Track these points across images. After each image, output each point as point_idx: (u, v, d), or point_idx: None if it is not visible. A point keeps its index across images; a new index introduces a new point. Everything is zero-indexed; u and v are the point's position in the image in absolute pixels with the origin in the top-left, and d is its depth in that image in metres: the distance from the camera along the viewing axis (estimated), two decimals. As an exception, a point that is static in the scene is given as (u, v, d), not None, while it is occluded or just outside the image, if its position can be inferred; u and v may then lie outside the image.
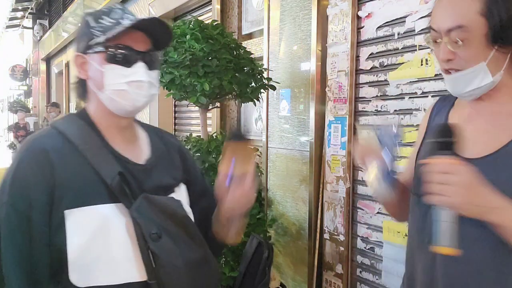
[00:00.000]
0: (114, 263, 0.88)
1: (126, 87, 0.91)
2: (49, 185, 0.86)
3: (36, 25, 12.36)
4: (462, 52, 0.88)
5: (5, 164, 11.70)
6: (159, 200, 0.92)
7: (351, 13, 2.28)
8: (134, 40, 0.92)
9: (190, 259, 0.93)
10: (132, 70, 0.91)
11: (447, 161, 0.78)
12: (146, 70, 0.92)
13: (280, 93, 2.92)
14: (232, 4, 3.54)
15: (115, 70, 0.90)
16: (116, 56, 0.90)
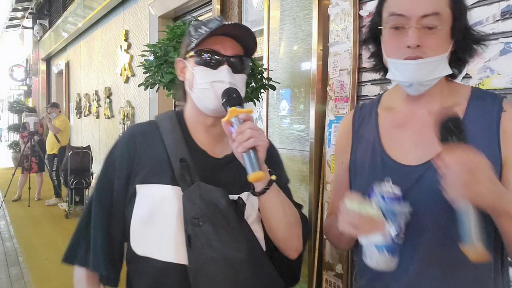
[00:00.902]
0: (163, 240, 0.98)
1: (209, 86, 1.00)
2: (130, 163, 1.03)
3: (36, 25, 12.36)
4: (432, 39, 0.88)
5: (5, 164, 11.73)
6: (207, 189, 0.97)
7: (353, 12, 2.28)
8: (222, 46, 1.01)
9: (229, 255, 0.94)
10: (216, 72, 1.00)
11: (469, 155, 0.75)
12: (229, 73, 1.01)
13: (280, 93, 2.92)
14: (232, 4, 3.54)
15: (203, 72, 1.01)
16: (204, 59, 1.01)
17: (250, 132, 0.90)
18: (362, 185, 0.98)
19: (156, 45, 2.47)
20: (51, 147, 7.02)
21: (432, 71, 0.90)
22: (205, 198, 0.96)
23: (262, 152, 0.92)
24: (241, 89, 1.02)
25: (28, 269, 4.06)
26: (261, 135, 0.92)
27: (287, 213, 1.01)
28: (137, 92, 5.73)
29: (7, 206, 6.73)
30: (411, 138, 0.94)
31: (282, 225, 1.01)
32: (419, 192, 0.90)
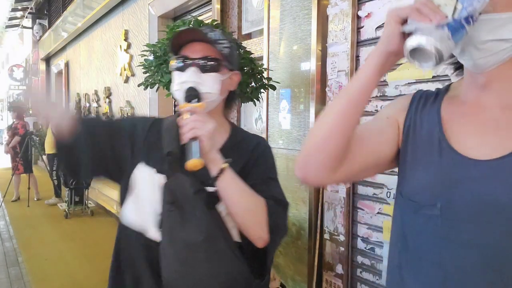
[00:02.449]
0: (146, 218, 1.11)
1: (180, 87, 1.13)
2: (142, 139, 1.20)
3: (36, 25, 12.35)
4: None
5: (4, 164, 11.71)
6: (183, 179, 1.08)
7: (351, 13, 2.28)
8: (191, 50, 1.15)
9: (188, 237, 1.04)
10: (184, 73, 1.13)
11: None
12: (195, 73, 1.13)
13: (280, 93, 2.92)
14: (232, 4, 3.54)
15: (176, 75, 1.16)
16: (176, 63, 1.16)
17: (191, 124, 1.02)
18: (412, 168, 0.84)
19: (155, 45, 2.47)
20: (50, 146, 7.03)
21: (496, 29, 0.71)
22: (180, 187, 1.08)
23: (205, 141, 1.02)
24: (210, 86, 1.14)
25: (27, 269, 4.06)
26: (203, 126, 1.02)
27: (244, 199, 1.09)
28: (136, 92, 5.73)
29: (7, 206, 6.73)
30: (476, 132, 0.79)
31: (239, 211, 1.08)
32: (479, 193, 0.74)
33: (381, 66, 0.80)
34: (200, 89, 1.12)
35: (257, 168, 1.19)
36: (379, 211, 2.20)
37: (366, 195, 2.27)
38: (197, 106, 1.07)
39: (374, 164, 0.88)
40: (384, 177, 2.16)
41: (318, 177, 0.83)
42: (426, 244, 0.79)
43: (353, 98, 0.79)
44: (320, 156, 0.80)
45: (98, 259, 4.15)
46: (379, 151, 0.87)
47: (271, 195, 1.14)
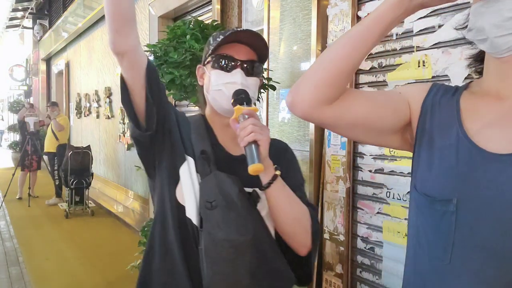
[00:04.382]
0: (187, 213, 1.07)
1: (223, 87, 1.09)
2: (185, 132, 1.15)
3: (36, 25, 12.36)
4: None
5: (5, 164, 11.72)
6: (222, 177, 1.05)
7: (351, 13, 2.28)
8: (236, 51, 1.11)
9: (233, 237, 1.00)
10: (230, 74, 1.10)
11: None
12: (242, 75, 1.10)
13: (280, 93, 2.93)
14: (232, 4, 3.54)
15: (218, 74, 1.11)
16: (219, 62, 1.11)
17: (251, 128, 0.97)
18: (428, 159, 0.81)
19: (156, 45, 2.48)
20: (50, 145, 7.05)
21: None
22: (220, 185, 1.04)
23: (264, 146, 0.98)
24: (253, 91, 1.12)
25: (28, 269, 4.07)
26: (263, 130, 0.98)
27: (293, 208, 1.06)
28: (137, 92, 5.73)
29: (7, 206, 6.74)
30: (496, 122, 0.76)
31: (287, 220, 1.06)
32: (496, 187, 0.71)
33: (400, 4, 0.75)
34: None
35: (291, 174, 1.17)
36: (379, 211, 2.20)
37: (366, 195, 2.28)
38: (253, 110, 1.02)
39: (369, 125, 0.85)
40: (384, 177, 2.16)
41: (306, 102, 0.80)
42: (439, 242, 0.77)
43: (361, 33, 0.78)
44: (315, 77, 0.79)
45: (99, 258, 4.14)
46: (380, 114, 0.84)
47: (307, 202, 1.13)
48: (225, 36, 1.09)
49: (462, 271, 0.73)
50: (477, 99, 0.81)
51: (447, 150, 0.79)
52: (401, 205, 2.07)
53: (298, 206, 1.08)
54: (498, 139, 0.74)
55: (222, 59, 1.11)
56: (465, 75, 1.75)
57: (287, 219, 1.06)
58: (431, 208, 0.78)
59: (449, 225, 0.74)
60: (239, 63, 1.10)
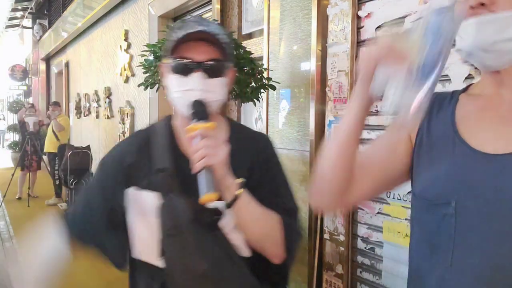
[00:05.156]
0: (143, 242, 1.05)
1: (182, 95, 1.01)
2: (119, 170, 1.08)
3: (36, 25, 12.34)
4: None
5: (4, 164, 11.72)
6: (177, 202, 0.97)
7: (351, 12, 2.28)
8: (195, 51, 1.00)
9: (191, 267, 0.95)
10: (188, 79, 1.00)
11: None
12: (202, 79, 0.99)
13: (280, 93, 2.92)
14: (232, 4, 3.54)
15: (176, 79, 1.01)
16: (176, 66, 1.01)
17: (202, 152, 0.90)
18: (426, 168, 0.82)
19: (156, 45, 2.48)
20: (50, 145, 7.05)
21: (502, 30, 0.68)
22: (175, 211, 0.97)
23: (219, 169, 0.92)
24: (219, 93, 1.03)
25: (28, 269, 4.05)
26: (217, 151, 0.91)
27: (260, 224, 1.01)
28: (137, 92, 5.73)
29: (7, 206, 6.73)
30: (492, 125, 0.75)
31: (254, 236, 1.01)
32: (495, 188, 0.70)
33: (363, 107, 0.79)
34: (207, 98, 0.99)
35: (266, 177, 1.09)
36: (379, 211, 2.20)
37: (366, 195, 2.27)
38: (208, 127, 0.93)
39: (387, 181, 0.89)
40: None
41: (330, 204, 0.88)
42: (440, 244, 0.76)
43: (343, 140, 0.82)
44: (326, 185, 0.85)
45: (98, 259, 4.13)
46: (388, 169, 0.88)
47: (284, 208, 1.06)
48: (176, 41, 0.99)
49: (463, 274, 0.73)
50: (475, 102, 0.81)
51: (444, 154, 0.79)
52: (402, 205, 2.06)
53: (266, 221, 1.01)
54: (494, 140, 0.73)
55: (179, 62, 1.00)
56: (465, 75, 1.75)
57: (253, 236, 1.01)
58: (430, 212, 0.78)
59: (449, 227, 0.74)
60: (198, 66, 0.99)
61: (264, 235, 1.02)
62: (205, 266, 0.94)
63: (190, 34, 0.99)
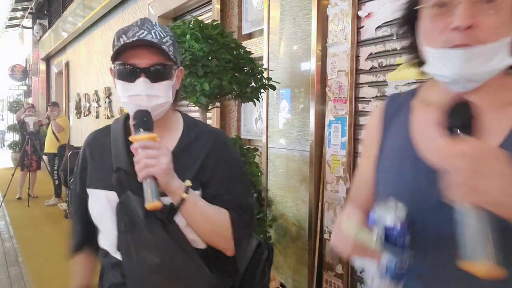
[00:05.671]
0: (106, 237, 1.12)
1: (129, 100, 1.04)
2: (83, 168, 1.17)
3: (36, 25, 12.35)
4: (490, 18, 0.66)
5: (4, 164, 11.72)
6: (132, 199, 1.03)
7: (351, 13, 2.28)
8: (138, 57, 1.03)
9: (146, 260, 1.01)
10: (134, 85, 1.03)
11: (477, 145, 0.58)
12: (146, 84, 1.02)
13: (280, 93, 2.92)
14: (232, 4, 3.54)
15: (122, 85, 1.05)
16: (121, 73, 1.05)
17: (144, 163, 0.94)
18: (386, 188, 0.83)
19: (155, 45, 2.47)
20: (50, 146, 7.05)
21: (485, 62, 0.68)
22: (131, 207, 1.02)
23: (160, 178, 0.96)
24: (164, 95, 1.05)
25: (27, 269, 4.06)
26: (157, 162, 0.95)
27: (209, 223, 1.06)
28: (136, 92, 5.73)
29: (7, 206, 6.73)
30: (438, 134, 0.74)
31: (204, 233, 1.07)
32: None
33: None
34: (153, 103, 1.03)
35: (218, 175, 1.11)
36: (379, 211, 2.20)
37: (366, 195, 2.27)
38: (148, 139, 0.97)
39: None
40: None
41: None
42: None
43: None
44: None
45: (98, 259, 4.14)
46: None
47: (235, 204, 1.11)
48: (117, 48, 1.03)
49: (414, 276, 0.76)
50: (431, 114, 0.79)
51: (401, 170, 0.80)
52: (401, 205, 2.06)
53: (215, 219, 1.07)
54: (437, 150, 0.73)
55: (123, 69, 1.04)
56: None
57: (203, 233, 1.07)
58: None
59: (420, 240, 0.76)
60: (142, 71, 1.02)
61: (213, 232, 1.08)
62: (158, 260, 1.00)
63: (127, 44, 1.02)
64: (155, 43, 1.03)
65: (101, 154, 1.14)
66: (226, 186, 1.11)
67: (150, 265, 1.01)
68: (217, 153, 1.13)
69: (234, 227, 1.08)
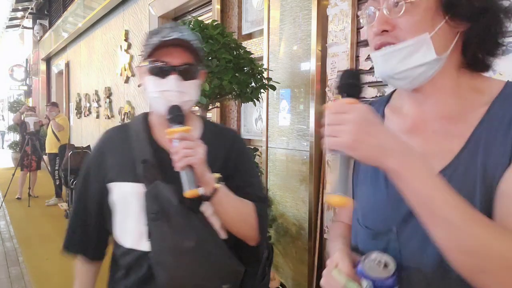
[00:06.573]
0: (128, 231, 1.14)
1: (159, 95, 1.11)
2: (100, 166, 1.19)
3: (36, 25, 12.36)
4: (403, 19, 0.71)
5: (5, 164, 11.72)
6: (162, 187, 1.07)
7: (351, 13, 2.28)
8: (170, 56, 1.10)
9: (179, 244, 1.06)
10: (165, 81, 1.10)
11: (342, 101, 0.68)
12: (178, 81, 1.10)
13: (280, 93, 2.93)
14: (232, 4, 3.54)
15: (153, 81, 1.11)
16: (153, 69, 1.11)
17: (183, 152, 1.00)
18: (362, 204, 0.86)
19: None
20: (51, 146, 7.05)
21: (406, 59, 0.72)
22: (161, 196, 1.07)
23: (198, 168, 1.02)
24: (193, 94, 1.14)
25: (28, 269, 4.07)
26: (196, 151, 1.01)
27: (237, 213, 1.13)
28: (137, 92, 5.73)
29: (7, 206, 6.74)
30: (419, 148, 0.75)
31: (232, 223, 1.13)
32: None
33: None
34: (183, 99, 1.10)
35: (240, 169, 1.21)
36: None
37: (366, 195, 2.28)
38: (185, 131, 1.04)
39: None
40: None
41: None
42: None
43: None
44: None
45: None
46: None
47: (256, 196, 1.19)
48: (153, 46, 1.10)
49: None
50: (398, 121, 0.83)
51: (375, 182, 0.82)
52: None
53: (243, 209, 1.14)
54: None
55: (156, 65, 1.10)
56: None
57: (232, 223, 1.13)
58: (376, 239, 0.81)
59: (395, 251, 0.77)
60: (174, 69, 1.10)
61: (241, 221, 1.14)
62: (193, 243, 1.05)
63: (166, 41, 1.09)
64: (190, 43, 1.11)
65: (121, 150, 1.18)
66: (247, 180, 1.21)
67: (184, 249, 1.05)
68: (238, 149, 1.24)
69: (258, 217, 1.15)
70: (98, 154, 1.21)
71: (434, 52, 0.71)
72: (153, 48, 1.10)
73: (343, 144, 0.65)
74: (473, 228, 0.62)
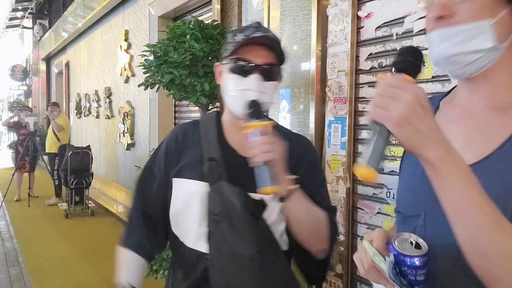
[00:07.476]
0: (192, 230, 1.10)
1: (239, 94, 1.07)
2: (170, 158, 1.18)
3: (36, 25, 12.36)
4: (463, 5, 0.70)
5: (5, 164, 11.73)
6: (227, 188, 1.03)
7: (351, 13, 2.28)
8: (254, 54, 1.07)
9: (238, 251, 0.99)
10: (247, 80, 1.06)
11: (400, 77, 0.66)
12: (259, 81, 1.06)
13: (280, 93, 2.93)
14: (232, 4, 3.54)
15: (234, 79, 1.08)
16: (235, 67, 1.08)
17: (263, 147, 0.95)
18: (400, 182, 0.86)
19: (156, 45, 2.48)
20: (51, 145, 7.05)
21: (462, 43, 0.70)
22: (225, 197, 1.02)
23: (277, 165, 0.97)
24: (270, 95, 1.10)
25: (28, 269, 4.07)
26: (275, 148, 0.96)
27: (310, 219, 1.05)
28: (137, 92, 5.73)
29: (7, 206, 6.74)
30: (461, 136, 0.75)
31: (304, 230, 1.06)
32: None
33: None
34: (262, 100, 1.06)
35: (311, 176, 1.14)
36: (379, 211, 2.20)
37: (366, 195, 2.28)
38: (266, 125, 0.99)
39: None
40: (384, 177, 2.16)
41: None
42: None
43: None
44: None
45: (98, 258, 4.14)
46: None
47: (326, 205, 1.13)
48: (239, 44, 1.06)
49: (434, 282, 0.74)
50: (449, 113, 0.82)
51: (414, 169, 0.81)
52: (401, 205, 2.06)
53: (316, 216, 1.07)
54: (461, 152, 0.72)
55: (239, 63, 1.07)
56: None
57: (304, 230, 1.06)
58: (405, 224, 0.82)
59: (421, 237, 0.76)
60: (256, 68, 1.06)
61: (313, 229, 1.07)
62: (254, 251, 0.98)
63: (254, 38, 1.06)
64: (276, 43, 1.08)
65: (190, 147, 1.16)
66: (318, 188, 1.15)
67: (242, 256, 0.99)
68: (309, 155, 1.18)
69: (330, 228, 1.09)
70: (168, 147, 1.19)
71: (493, 40, 0.69)
72: (238, 45, 1.06)
73: (391, 118, 0.63)
74: (496, 233, 0.61)
